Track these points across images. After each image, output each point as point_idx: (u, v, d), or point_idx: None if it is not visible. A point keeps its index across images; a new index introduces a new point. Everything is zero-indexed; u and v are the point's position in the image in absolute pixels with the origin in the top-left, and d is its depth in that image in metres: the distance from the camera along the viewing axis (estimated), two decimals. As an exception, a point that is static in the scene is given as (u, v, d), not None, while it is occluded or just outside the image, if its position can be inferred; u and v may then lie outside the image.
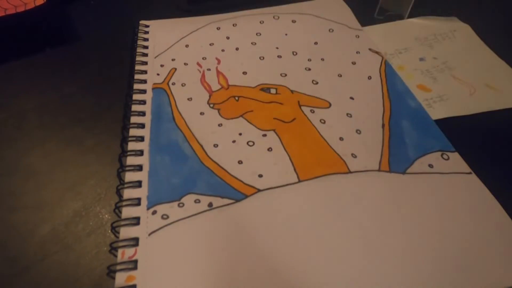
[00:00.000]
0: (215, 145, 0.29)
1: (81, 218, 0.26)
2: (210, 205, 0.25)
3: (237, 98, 0.33)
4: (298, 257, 0.22)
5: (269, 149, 0.28)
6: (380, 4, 0.42)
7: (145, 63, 0.36)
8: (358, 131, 0.30)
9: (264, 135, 0.29)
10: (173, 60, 0.37)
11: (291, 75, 0.35)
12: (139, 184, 0.26)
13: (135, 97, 0.33)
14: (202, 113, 0.31)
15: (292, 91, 0.33)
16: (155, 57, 0.37)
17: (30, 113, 0.34)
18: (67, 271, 0.23)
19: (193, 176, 0.27)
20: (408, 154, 0.28)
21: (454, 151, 0.28)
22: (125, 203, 0.25)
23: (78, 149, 0.30)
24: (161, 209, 0.25)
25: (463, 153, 0.28)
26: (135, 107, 0.32)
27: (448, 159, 0.27)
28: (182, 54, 0.37)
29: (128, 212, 0.25)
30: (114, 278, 0.22)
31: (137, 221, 0.24)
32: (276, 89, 0.33)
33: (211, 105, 0.32)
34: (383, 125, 0.30)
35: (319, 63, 0.36)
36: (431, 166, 0.27)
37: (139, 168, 0.27)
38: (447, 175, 0.26)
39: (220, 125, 0.30)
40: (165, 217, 0.24)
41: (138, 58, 0.37)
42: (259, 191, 0.26)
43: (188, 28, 0.40)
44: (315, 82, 0.34)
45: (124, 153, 0.28)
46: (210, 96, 0.33)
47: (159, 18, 0.42)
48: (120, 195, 0.26)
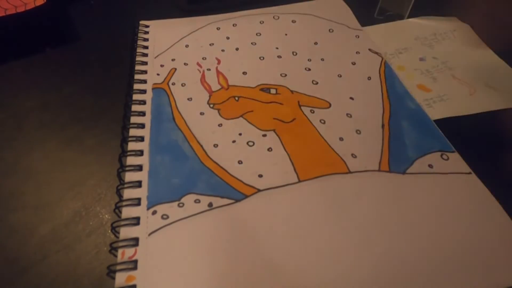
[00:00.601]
0: (215, 145, 0.29)
1: (81, 218, 0.26)
2: (210, 205, 0.25)
3: (237, 98, 0.33)
4: (298, 257, 0.22)
5: (269, 149, 0.28)
6: (380, 4, 0.42)
7: (145, 63, 0.36)
8: (358, 131, 0.30)
9: (264, 135, 0.29)
10: (173, 60, 0.37)
11: (291, 75, 0.35)
12: (139, 184, 0.26)
13: (135, 97, 0.33)
14: (202, 113, 0.31)
15: (292, 91, 0.33)
16: (155, 57, 0.37)
17: (30, 113, 0.34)
18: (67, 271, 0.23)
19: (193, 176, 0.27)
20: (408, 154, 0.28)
21: (454, 151, 0.28)
22: (125, 203, 0.25)
23: (78, 149, 0.30)
24: (161, 209, 0.25)
25: (463, 153, 0.28)
26: (135, 107, 0.32)
27: (448, 159, 0.27)
28: (182, 54, 0.37)
29: (128, 212, 0.25)
30: (114, 278, 0.22)
31: (137, 221, 0.24)
32: (276, 89, 0.33)
33: (211, 105, 0.32)
34: (382, 125, 0.30)
35: (319, 63, 0.36)
36: (431, 166, 0.27)
37: (139, 168, 0.27)
38: (447, 175, 0.26)
39: (220, 125, 0.30)
40: (165, 217, 0.24)
41: (138, 58, 0.37)
42: (259, 191, 0.26)
43: (188, 28, 0.40)
44: (315, 82, 0.34)
45: (124, 153, 0.28)
46: (210, 96, 0.33)
47: (159, 18, 0.42)
48: (120, 195, 0.26)
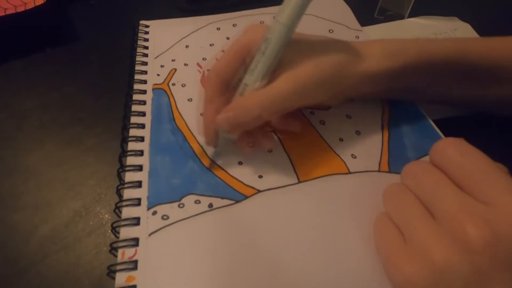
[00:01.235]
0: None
1: (81, 218, 0.26)
2: (210, 205, 0.25)
3: None
4: (298, 258, 0.22)
5: (269, 150, 0.28)
6: (380, 4, 0.42)
7: (145, 63, 0.36)
8: (358, 132, 0.30)
9: (264, 135, 0.29)
10: (173, 60, 0.37)
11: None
12: (139, 184, 0.26)
13: (135, 97, 0.33)
14: (202, 114, 0.31)
15: (292, 91, 0.33)
16: (155, 58, 0.37)
17: (30, 113, 0.34)
18: (67, 271, 0.23)
19: (193, 176, 0.27)
20: (407, 155, 0.28)
21: (454, 152, 0.28)
22: (125, 203, 0.25)
23: (78, 149, 0.31)
24: (161, 209, 0.25)
25: (463, 154, 0.28)
26: (135, 107, 0.32)
27: (448, 159, 0.27)
28: (182, 54, 0.37)
29: (128, 212, 0.25)
30: (114, 278, 0.22)
31: (137, 221, 0.24)
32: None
33: (211, 106, 0.32)
34: (382, 126, 0.30)
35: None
36: (430, 166, 0.27)
37: (139, 168, 0.27)
38: (447, 176, 0.26)
39: (220, 125, 0.30)
40: (165, 217, 0.24)
41: (138, 58, 0.37)
42: (259, 192, 0.26)
43: (188, 28, 0.40)
44: (315, 82, 0.34)
45: (124, 153, 0.28)
46: (210, 97, 0.33)
47: (159, 18, 0.42)
48: (120, 195, 0.26)
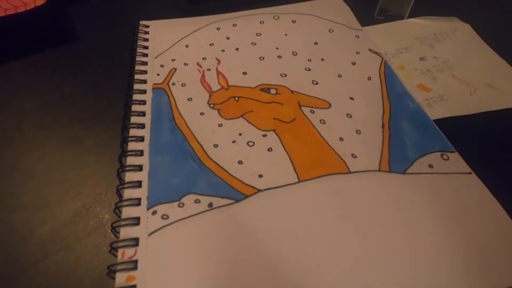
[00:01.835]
0: (215, 145, 0.29)
1: (81, 218, 0.26)
2: (210, 205, 0.25)
3: (237, 99, 0.33)
4: (298, 257, 0.22)
5: (269, 149, 0.28)
6: (380, 4, 0.42)
7: (145, 63, 0.36)
8: (358, 131, 0.30)
9: (264, 135, 0.29)
10: (173, 60, 0.37)
11: (291, 76, 0.35)
12: (139, 184, 0.26)
13: (135, 97, 0.33)
14: (202, 113, 0.31)
15: (292, 91, 0.33)
16: (155, 57, 0.37)
17: (30, 113, 0.34)
18: (67, 271, 0.23)
19: (193, 176, 0.26)
20: (408, 155, 0.28)
21: (454, 151, 0.28)
22: (125, 203, 0.25)
23: (78, 149, 0.30)
24: (161, 209, 0.25)
25: (463, 153, 0.28)
26: (135, 107, 0.32)
27: (448, 159, 0.27)
28: (182, 54, 0.37)
29: (128, 212, 0.25)
30: (114, 278, 0.22)
31: (137, 221, 0.24)
32: (276, 89, 0.33)
33: (211, 106, 0.32)
34: (383, 126, 0.30)
35: (319, 63, 0.36)
36: (431, 166, 0.27)
37: (139, 168, 0.27)
38: (447, 175, 0.26)
39: (220, 125, 0.30)
40: (165, 217, 0.24)
41: (138, 58, 0.37)
42: (259, 191, 0.26)
43: (188, 28, 0.40)
44: (315, 82, 0.34)
45: (124, 153, 0.28)
46: (210, 97, 0.33)
47: (159, 18, 0.42)
48: (120, 195, 0.26)
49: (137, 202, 0.25)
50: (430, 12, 0.42)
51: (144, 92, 0.33)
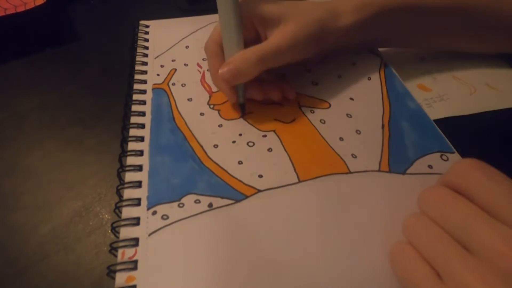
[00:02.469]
0: (215, 146, 0.29)
1: (81, 218, 0.26)
2: (210, 205, 0.25)
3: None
4: (298, 257, 0.22)
5: (269, 150, 0.28)
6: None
7: (145, 63, 0.36)
8: (358, 131, 0.30)
9: (264, 135, 0.29)
10: (173, 61, 0.37)
11: (291, 76, 0.35)
12: (139, 184, 0.26)
13: (135, 97, 0.33)
14: (202, 114, 0.31)
15: (292, 91, 0.33)
16: (155, 58, 0.37)
17: (30, 113, 0.34)
18: (67, 271, 0.23)
19: (193, 176, 0.26)
20: (407, 155, 0.28)
21: (454, 152, 0.28)
22: (125, 203, 0.25)
23: (78, 149, 0.31)
24: (161, 209, 0.25)
25: (463, 153, 0.28)
26: (135, 107, 0.32)
27: (448, 160, 0.27)
28: (182, 55, 0.37)
29: (128, 212, 0.25)
30: (114, 278, 0.22)
31: (137, 221, 0.24)
32: (276, 89, 0.33)
33: (211, 106, 0.32)
34: (382, 126, 0.30)
35: (318, 64, 0.36)
36: (430, 166, 0.27)
37: (139, 168, 0.27)
38: (447, 176, 0.26)
39: (220, 125, 0.30)
40: (165, 217, 0.24)
41: (138, 58, 0.37)
42: (259, 191, 0.26)
43: (188, 28, 0.40)
44: (315, 83, 0.34)
45: (124, 153, 0.28)
46: (210, 97, 0.33)
47: (159, 18, 0.42)
48: (120, 195, 0.26)
49: (137, 202, 0.25)
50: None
51: (144, 92, 0.33)
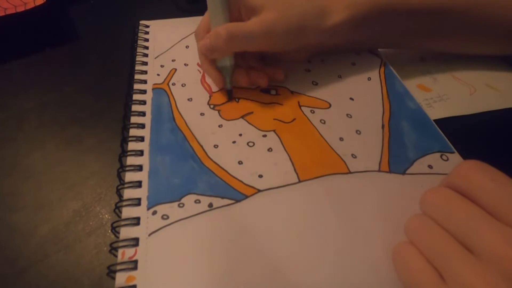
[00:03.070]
0: (215, 146, 0.29)
1: (81, 218, 0.26)
2: (210, 205, 0.25)
3: (237, 99, 0.33)
4: (298, 257, 0.22)
5: (269, 150, 0.28)
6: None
7: (145, 63, 0.36)
8: (358, 131, 0.30)
9: (264, 135, 0.29)
10: (173, 61, 0.37)
11: (291, 76, 0.35)
12: (139, 184, 0.26)
13: (135, 97, 0.33)
14: (202, 114, 0.31)
15: (292, 91, 0.33)
16: (155, 58, 0.37)
17: (30, 113, 0.34)
18: (67, 271, 0.23)
19: (193, 176, 0.26)
20: (407, 155, 0.28)
21: (454, 152, 0.28)
22: (125, 203, 0.25)
23: (78, 149, 0.30)
24: (161, 209, 0.25)
25: (463, 153, 0.28)
26: (135, 107, 0.32)
27: (448, 160, 0.27)
28: (183, 55, 0.37)
29: (128, 212, 0.25)
30: (114, 278, 0.22)
31: (137, 221, 0.24)
32: (276, 90, 0.33)
33: (212, 106, 0.32)
34: (382, 126, 0.30)
35: (318, 64, 0.36)
36: (430, 167, 0.27)
37: (139, 168, 0.27)
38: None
39: (220, 125, 0.30)
40: (165, 217, 0.24)
41: (138, 58, 0.37)
42: (259, 191, 0.26)
43: (189, 28, 0.40)
44: (315, 83, 0.34)
45: (124, 153, 0.28)
46: (210, 97, 0.33)
47: (159, 18, 0.42)
48: (120, 195, 0.26)
49: (137, 202, 0.25)
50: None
51: (144, 92, 0.33)
